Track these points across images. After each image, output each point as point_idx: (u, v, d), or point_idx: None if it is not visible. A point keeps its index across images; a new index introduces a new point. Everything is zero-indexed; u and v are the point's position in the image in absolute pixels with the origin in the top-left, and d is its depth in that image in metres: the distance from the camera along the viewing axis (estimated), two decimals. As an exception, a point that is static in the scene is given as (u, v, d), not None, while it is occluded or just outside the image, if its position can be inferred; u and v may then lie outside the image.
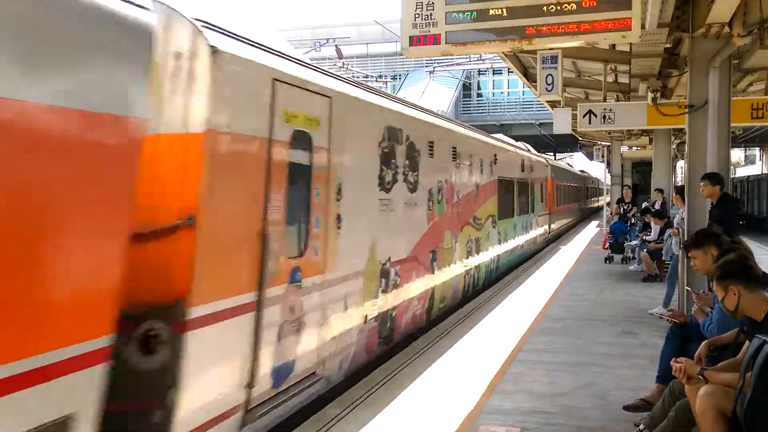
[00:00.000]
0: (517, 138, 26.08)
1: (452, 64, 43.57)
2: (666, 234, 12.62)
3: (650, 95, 11.60)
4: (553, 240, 24.93)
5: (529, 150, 22.07)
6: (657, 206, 16.58)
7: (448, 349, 8.44)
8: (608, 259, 18.01)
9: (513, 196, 16.54)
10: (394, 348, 8.48)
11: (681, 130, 17.14)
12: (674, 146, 24.33)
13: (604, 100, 14.21)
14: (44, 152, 3.17)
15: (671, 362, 4.54)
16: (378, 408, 6.26)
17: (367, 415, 6.08)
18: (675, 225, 11.38)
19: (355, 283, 7.16)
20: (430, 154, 9.57)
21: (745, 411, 3.88)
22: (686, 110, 9.26)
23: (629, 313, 10.91)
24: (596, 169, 54.29)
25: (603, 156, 30.24)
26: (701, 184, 8.38)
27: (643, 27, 6.62)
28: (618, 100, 16.80)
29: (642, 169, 36.90)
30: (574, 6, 5.64)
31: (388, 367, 7.67)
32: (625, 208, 19.48)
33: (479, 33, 6.00)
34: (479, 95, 57.24)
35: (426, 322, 9.81)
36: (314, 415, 6.16)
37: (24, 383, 3.10)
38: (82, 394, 3.47)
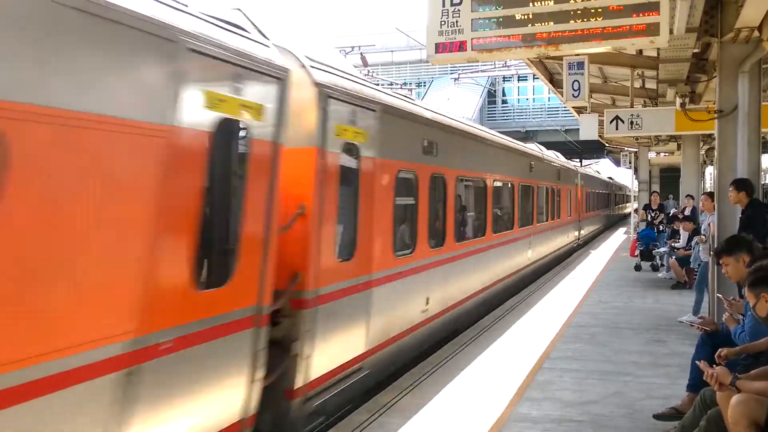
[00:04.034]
0: (543, 146, 24.70)
1: (477, 71, 43.43)
2: (694, 241, 12.47)
3: (678, 100, 11.47)
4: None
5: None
6: (687, 212, 16.38)
7: (475, 357, 8.41)
8: (638, 267, 17.77)
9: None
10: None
11: (710, 135, 16.95)
12: (703, 152, 24.03)
13: (632, 105, 14.08)
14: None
15: (704, 366, 4.47)
16: (405, 415, 6.25)
17: (395, 421, 6.08)
18: (702, 231, 11.25)
19: None
20: None
21: (778, 420, 3.82)
22: (715, 115, 9.16)
23: (658, 320, 10.78)
24: (623, 176, 53.48)
25: (630, 162, 29.95)
26: (729, 188, 8.29)
27: (671, 32, 6.56)
28: (645, 106, 16.64)
29: (668, 175, 35.91)
30: (601, 11, 5.61)
31: (414, 374, 7.66)
32: (652, 215, 19.11)
33: (505, 39, 5.99)
34: (504, 102, 57.07)
35: None
36: (341, 421, 6.18)
37: None
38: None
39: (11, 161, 3.19)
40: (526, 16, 5.84)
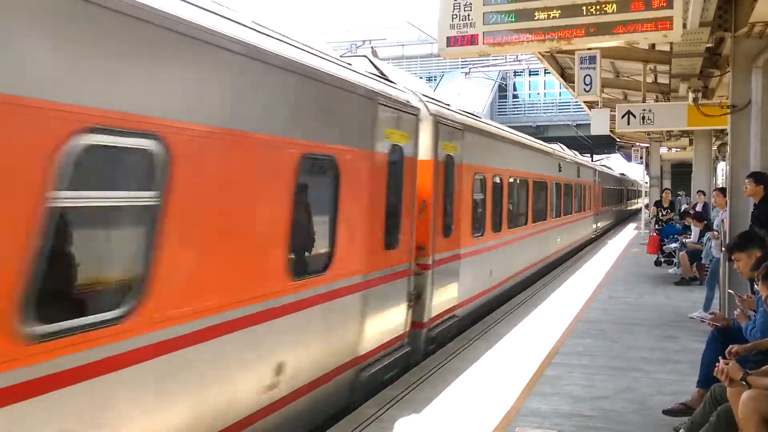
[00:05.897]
0: (553, 140, 24.94)
1: (488, 66, 43.34)
2: (705, 237, 12.40)
3: (691, 95, 11.40)
4: None
5: None
6: (698, 208, 16.29)
7: (484, 352, 8.41)
8: (658, 263, 17.68)
9: None
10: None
11: (722, 131, 16.85)
12: (715, 147, 23.89)
13: (644, 100, 14.00)
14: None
15: (720, 360, 4.45)
16: (414, 408, 6.27)
17: (404, 414, 6.09)
18: (714, 227, 11.19)
19: None
20: None
21: (790, 416, 3.80)
22: (728, 111, 9.10)
23: (669, 316, 10.75)
24: (635, 171, 53.37)
25: (641, 157, 29.83)
26: (746, 181, 8.22)
27: (684, 26, 6.53)
28: (657, 101, 16.55)
29: (679, 170, 35.86)
30: (614, 6, 5.58)
31: (424, 367, 7.68)
32: (664, 212, 18.80)
33: (517, 33, 5.97)
34: (515, 96, 56.93)
35: None
36: (350, 414, 6.20)
37: None
38: None
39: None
40: (538, 10, 5.82)
